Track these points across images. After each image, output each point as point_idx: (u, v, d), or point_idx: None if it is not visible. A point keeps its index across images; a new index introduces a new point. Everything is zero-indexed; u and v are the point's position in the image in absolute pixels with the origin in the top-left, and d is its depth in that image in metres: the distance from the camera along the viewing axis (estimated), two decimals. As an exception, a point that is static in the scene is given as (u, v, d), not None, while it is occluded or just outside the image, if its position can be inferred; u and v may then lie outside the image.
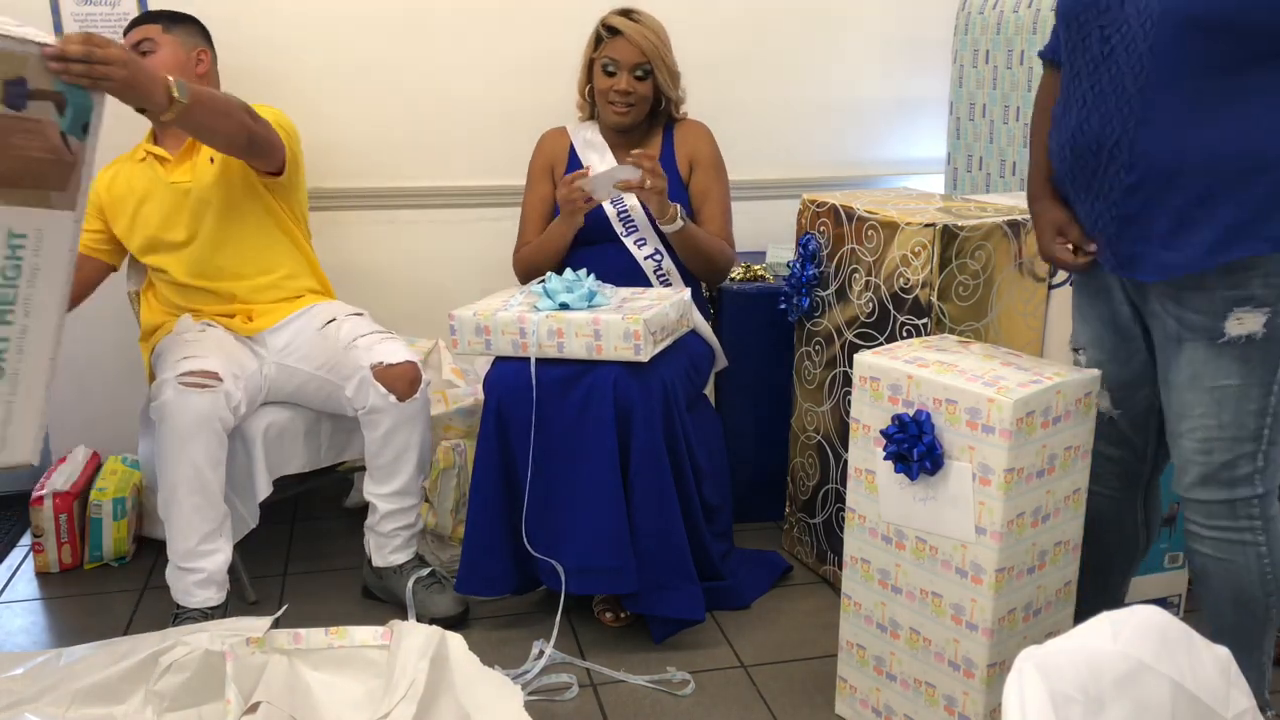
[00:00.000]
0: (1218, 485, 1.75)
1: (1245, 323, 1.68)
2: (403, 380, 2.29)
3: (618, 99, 2.48)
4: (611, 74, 2.48)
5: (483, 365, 2.70)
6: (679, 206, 2.42)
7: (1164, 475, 2.02)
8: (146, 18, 2.47)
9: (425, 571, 2.42)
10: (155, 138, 2.50)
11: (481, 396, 2.41)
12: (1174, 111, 1.62)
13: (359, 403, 2.30)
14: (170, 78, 2.00)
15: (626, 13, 2.50)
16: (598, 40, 2.52)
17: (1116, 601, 2.12)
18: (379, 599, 2.46)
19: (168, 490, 2.20)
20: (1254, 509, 1.76)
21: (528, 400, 2.22)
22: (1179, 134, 1.62)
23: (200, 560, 2.22)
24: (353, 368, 2.31)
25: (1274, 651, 1.92)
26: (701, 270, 2.55)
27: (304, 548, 2.77)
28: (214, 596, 2.25)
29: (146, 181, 2.45)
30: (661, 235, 2.50)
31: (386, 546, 2.41)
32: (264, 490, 2.40)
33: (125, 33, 2.46)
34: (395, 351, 2.33)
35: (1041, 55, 1.96)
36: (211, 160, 2.44)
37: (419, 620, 2.29)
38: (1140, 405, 1.90)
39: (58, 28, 2.78)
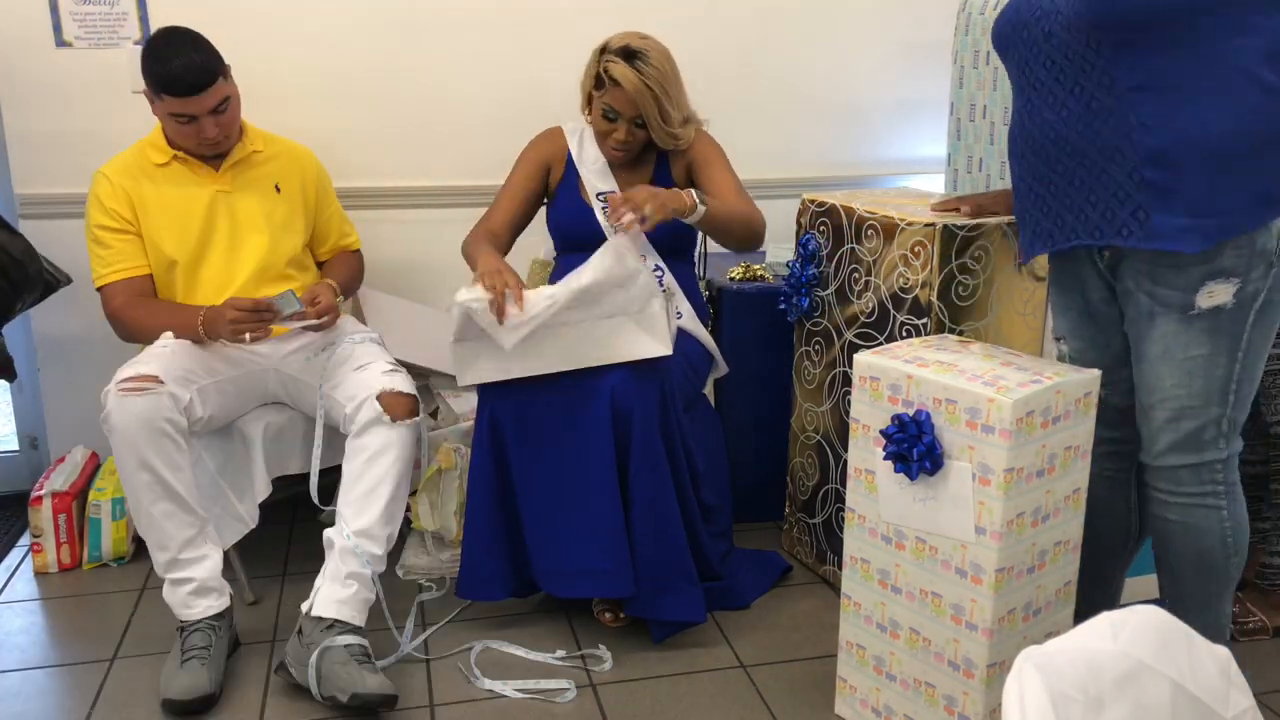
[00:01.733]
0: (1185, 450, 1.82)
1: (1216, 295, 1.73)
2: (402, 407, 2.25)
3: (616, 145, 2.43)
4: (611, 120, 2.39)
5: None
6: (690, 191, 2.29)
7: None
8: (213, 73, 2.27)
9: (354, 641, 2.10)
10: (171, 139, 2.39)
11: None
12: (1169, 78, 1.65)
13: (356, 419, 2.25)
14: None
15: (630, 55, 2.33)
16: (598, 80, 2.39)
17: (1112, 593, 2.16)
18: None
19: (134, 502, 2.14)
20: (1218, 474, 1.84)
21: (523, 402, 2.22)
22: (1188, 101, 1.65)
23: (187, 569, 2.16)
24: (360, 387, 2.28)
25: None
26: (740, 239, 2.42)
27: (304, 548, 2.76)
28: (215, 604, 2.18)
29: (185, 189, 2.39)
30: (662, 250, 2.48)
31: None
32: (263, 490, 2.40)
33: (191, 91, 2.24)
34: (403, 383, 2.31)
35: None
36: (278, 189, 2.46)
37: (337, 700, 2.02)
38: (1125, 385, 1.95)
39: (57, 28, 2.78)
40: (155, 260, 2.40)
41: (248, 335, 2.23)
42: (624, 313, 2.22)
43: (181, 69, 2.24)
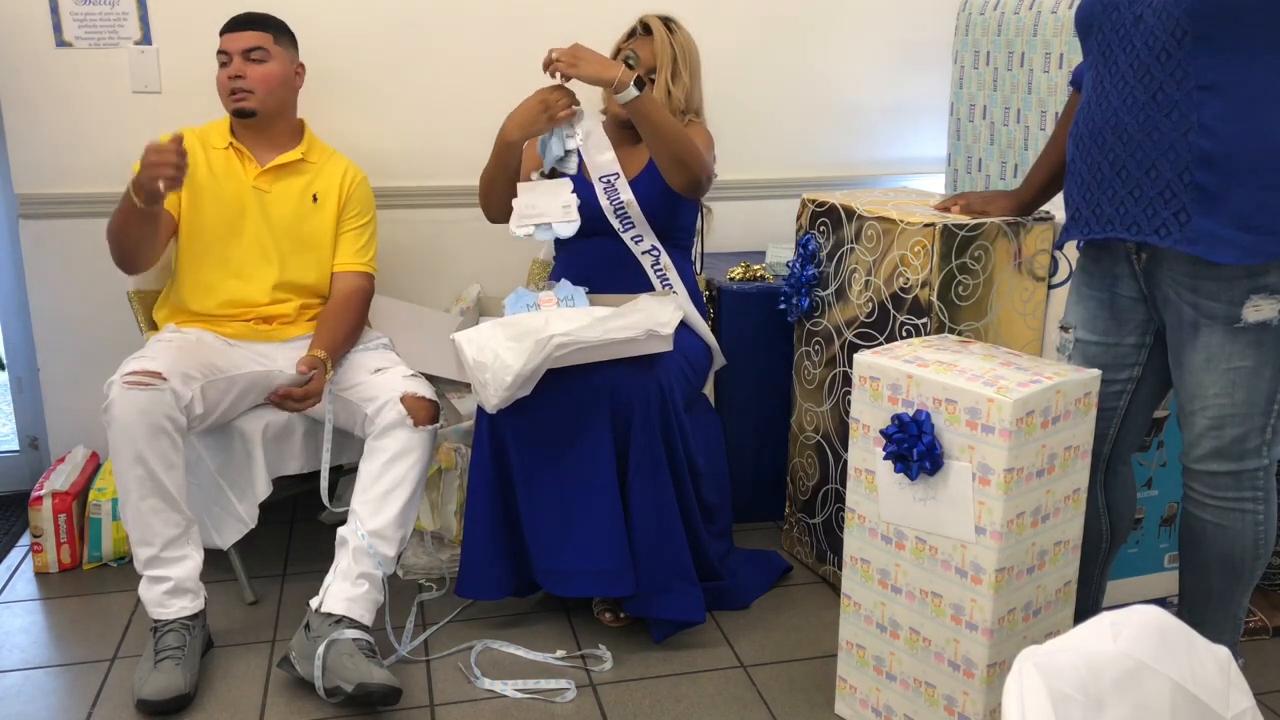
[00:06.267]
0: (1227, 458, 1.82)
1: (1262, 309, 1.73)
2: (424, 411, 2.27)
3: None
4: (630, 67, 2.43)
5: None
6: (622, 68, 2.27)
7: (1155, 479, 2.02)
8: (257, 23, 2.44)
9: (359, 635, 2.12)
10: (234, 131, 2.49)
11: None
12: (1242, 83, 1.64)
13: (377, 422, 2.26)
14: None
15: (668, 20, 2.51)
16: (631, 32, 2.53)
17: (1093, 595, 2.15)
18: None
19: (123, 496, 2.14)
20: (1258, 480, 1.84)
21: (523, 402, 2.22)
22: (1255, 108, 1.64)
23: (167, 568, 2.15)
24: (380, 389, 2.29)
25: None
26: (671, 165, 2.34)
27: (303, 548, 2.76)
28: (189, 605, 2.17)
29: (229, 175, 2.45)
30: (658, 231, 2.48)
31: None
32: (263, 491, 2.40)
33: (228, 29, 2.43)
34: (424, 388, 2.33)
35: (1071, 83, 2.04)
36: (315, 199, 2.48)
37: (341, 690, 2.03)
38: (1113, 387, 1.96)
39: (57, 28, 2.78)
40: (189, 230, 2.44)
41: (161, 184, 2.08)
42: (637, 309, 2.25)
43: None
